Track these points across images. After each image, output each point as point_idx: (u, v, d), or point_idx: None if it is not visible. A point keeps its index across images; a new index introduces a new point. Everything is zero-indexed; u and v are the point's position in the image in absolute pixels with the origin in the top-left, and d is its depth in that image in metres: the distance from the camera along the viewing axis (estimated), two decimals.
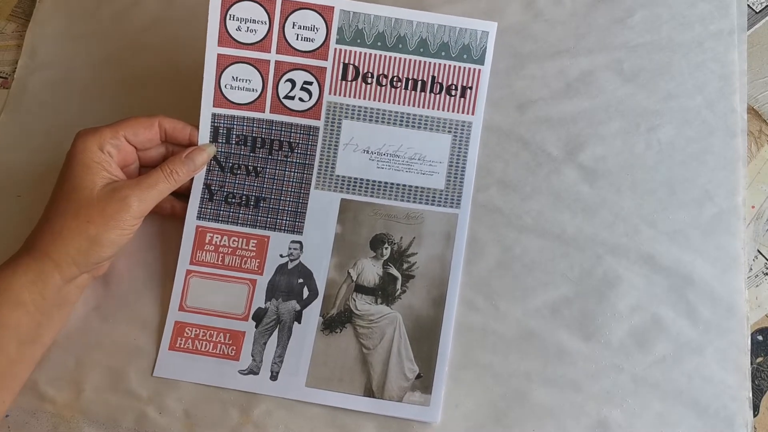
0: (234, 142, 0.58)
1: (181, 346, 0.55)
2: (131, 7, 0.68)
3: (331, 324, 0.55)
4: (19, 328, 0.50)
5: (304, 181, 0.58)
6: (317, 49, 0.57)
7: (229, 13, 0.57)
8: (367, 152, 0.58)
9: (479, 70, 0.58)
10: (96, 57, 0.67)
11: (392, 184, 0.57)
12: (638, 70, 0.59)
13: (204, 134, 0.57)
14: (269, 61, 0.58)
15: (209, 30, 0.57)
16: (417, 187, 0.57)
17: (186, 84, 0.65)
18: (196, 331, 0.56)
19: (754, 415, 0.51)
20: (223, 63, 0.57)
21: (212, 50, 0.57)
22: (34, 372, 0.54)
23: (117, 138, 0.53)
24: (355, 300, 0.56)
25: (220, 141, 0.58)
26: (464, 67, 0.58)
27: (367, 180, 0.58)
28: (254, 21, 0.57)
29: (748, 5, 0.62)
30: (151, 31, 0.67)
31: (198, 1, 0.68)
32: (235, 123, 0.58)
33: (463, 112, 0.58)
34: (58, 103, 0.66)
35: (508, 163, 0.58)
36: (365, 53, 0.58)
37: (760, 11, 0.62)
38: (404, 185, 0.57)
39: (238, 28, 0.57)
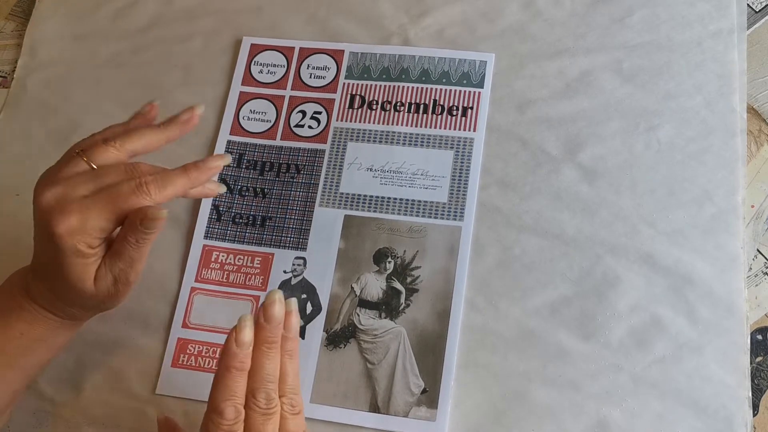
0: (244, 166, 0.60)
1: (184, 363, 0.55)
2: (131, 7, 0.68)
3: (334, 339, 0.55)
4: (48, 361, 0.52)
5: (309, 200, 0.58)
6: (328, 84, 0.62)
7: (254, 60, 0.64)
8: (371, 170, 0.59)
9: (479, 93, 0.60)
10: (96, 57, 0.67)
11: (395, 198, 0.58)
12: (637, 70, 0.59)
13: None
14: (284, 96, 0.62)
15: (235, 72, 0.64)
16: (420, 201, 0.57)
17: (185, 84, 0.65)
18: (198, 347, 0.55)
19: (754, 415, 0.51)
20: (244, 98, 0.63)
21: (236, 88, 0.63)
22: None
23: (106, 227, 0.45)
24: (358, 315, 0.55)
25: (231, 165, 0.60)
26: (464, 91, 0.60)
27: (371, 196, 0.58)
28: (274, 65, 0.64)
29: (748, 5, 0.61)
30: (151, 31, 0.67)
31: (197, 2, 0.68)
32: (248, 149, 0.61)
33: (464, 130, 0.59)
34: (58, 103, 0.66)
35: (507, 163, 0.58)
36: (371, 85, 0.61)
37: (759, 11, 0.62)
38: (407, 199, 0.58)
39: (260, 71, 0.63)
